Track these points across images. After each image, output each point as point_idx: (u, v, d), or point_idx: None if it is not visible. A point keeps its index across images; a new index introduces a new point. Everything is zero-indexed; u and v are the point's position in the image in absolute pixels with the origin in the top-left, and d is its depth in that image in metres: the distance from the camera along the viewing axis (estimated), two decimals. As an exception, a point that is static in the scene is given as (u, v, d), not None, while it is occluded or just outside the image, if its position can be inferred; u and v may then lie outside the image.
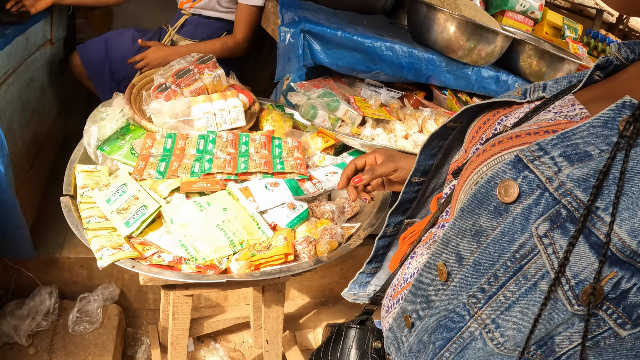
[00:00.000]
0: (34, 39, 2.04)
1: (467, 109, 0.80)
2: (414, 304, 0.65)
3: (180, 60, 1.81)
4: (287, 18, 1.91)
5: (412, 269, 0.77)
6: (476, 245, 0.54)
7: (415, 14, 2.11)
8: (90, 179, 1.45)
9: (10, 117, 1.82)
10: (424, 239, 0.78)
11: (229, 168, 1.45)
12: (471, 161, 0.63)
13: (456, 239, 0.57)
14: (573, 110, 0.60)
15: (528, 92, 0.72)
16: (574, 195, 0.47)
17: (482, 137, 0.75)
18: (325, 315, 2.39)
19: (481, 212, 0.53)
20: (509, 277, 0.51)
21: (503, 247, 0.51)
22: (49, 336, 1.97)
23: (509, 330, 0.53)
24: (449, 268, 0.58)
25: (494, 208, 0.52)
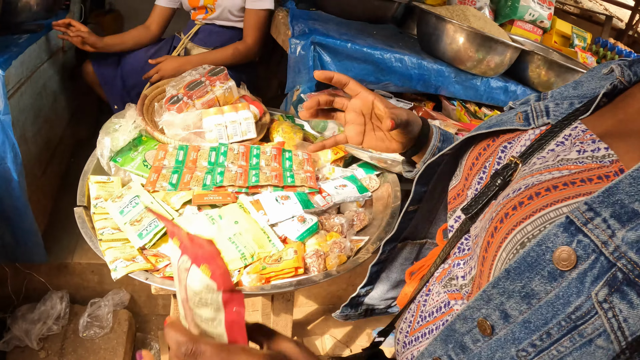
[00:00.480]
0: (47, 47, 2.07)
1: (469, 138, 0.78)
2: (444, 348, 0.64)
3: (192, 71, 1.83)
4: (297, 30, 1.93)
5: (430, 308, 0.75)
6: (526, 306, 0.54)
7: (425, 25, 2.13)
8: (103, 190, 1.47)
9: (24, 125, 1.85)
10: (437, 276, 0.77)
11: (241, 181, 1.47)
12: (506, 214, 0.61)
13: (500, 298, 0.56)
14: (597, 151, 0.59)
15: (531, 118, 0.71)
16: (628, 258, 0.47)
17: (485, 165, 0.74)
18: (333, 323, 2.40)
19: (533, 276, 0.53)
20: (562, 334, 0.51)
21: (557, 309, 0.51)
22: (60, 340, 2.00)
23: None
24: (492, 323, 0.57)
25: (547, 273, 0.51)
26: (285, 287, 1.25)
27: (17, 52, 1.69)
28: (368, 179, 1.64)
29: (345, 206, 1.56)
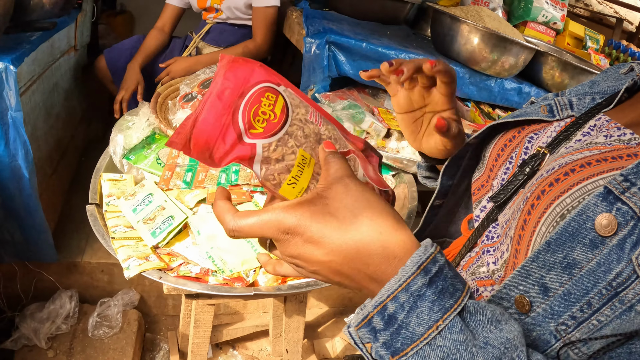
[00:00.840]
0: (59, 45, 2.05)
1: (492, 127, 0.79)
2: None
3: (206, 69, 1.82)
4: (312, 29, 1.92)
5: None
6: (567, 277, 0.54)
7: (439, 26, 2.11)
8: (116, 187, 1.46)
9: (35, 123, 1.84)
10: (464, 265, 0.76)
11: (256, 179, 1.46)
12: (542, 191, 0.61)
13: (540, 272, 0.56)
14: (624, 135, 0.62)
15: (555, 110, 0.72)
16: None
17: (512, 156, 0.74)
18: (344, 324, 2.37)
19: (574, 245, 0.53)
20: (603, 303, 0.52)
21: (599, 277, 0.52)
22: (69, 340, 1.99)
23: (596, 344, 0.54)
24: (531, 298, 0.57)
25: (589, 241, 0.53)
26: (301, 288, 1.23)
27: (29, 49, 1.68)
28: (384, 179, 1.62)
29: (362, 206, 1.54)
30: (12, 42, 1.66)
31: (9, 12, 1.55)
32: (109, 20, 3.43)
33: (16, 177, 1.66)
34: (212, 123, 0.49)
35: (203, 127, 0.49)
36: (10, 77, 1.50)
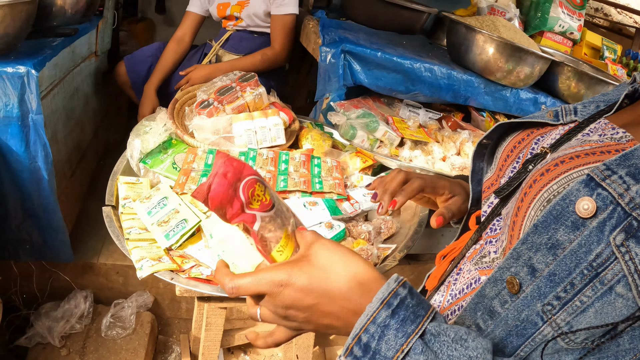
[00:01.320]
0: (80, 51, 2.10)
1: (498, 126, 0.83)
2: (473, 317, 0.67)
3: (223, 77, 1.84)
4: (327, 38, 1.94)
5: (460, 285, 0.78)
6: (552, 257, 0.58)
7: (454, 35, 2.12)
8: (132, 190, 1.49)
9: (55, 126, 1.88)
10: (468, 256, 0.80)
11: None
12: (534, 180, 0.67)
13: (529, 253, 0.60)
14: (617, 134, 0.67)
15: (560, 115, 0.77)
16: None
17: (519, 156, 0.78)
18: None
19: (558, 227, 0.58)
20: (584, 283, 0.56)
21: (580, 257, 0.56)
22: (82, 339, 2.01)
23: (581, 334, 0.57)
24: (520, 279, 0.61)
25: (571, 223, 0.57)
26: (311, 293, 1.24)
27: (50, 54, 1.72)
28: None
29: (373, 214, 1.55)
30: (34, 47, 1.70)
31: (31, 17, 1.60)
32: (130, 27, 3.48)
33: (36, 178, 1.70)
34: (221, 193, 0.65)
35: (215, 194, 0.65)
36: (31, 81, 1.54)
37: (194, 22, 2.52)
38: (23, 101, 1.56)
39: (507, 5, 2.62)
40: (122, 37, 3.27)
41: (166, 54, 2.49)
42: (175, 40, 2.52)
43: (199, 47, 2.64)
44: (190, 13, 2.51)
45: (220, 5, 2.44)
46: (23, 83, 1.53)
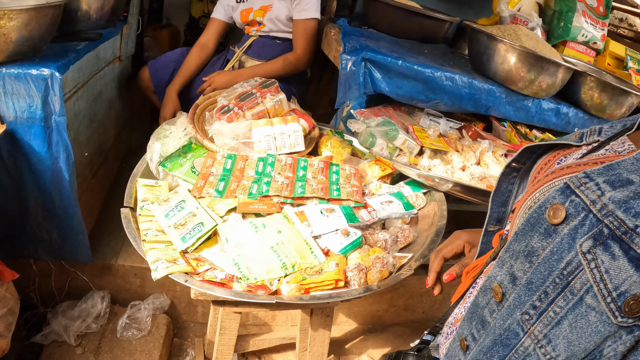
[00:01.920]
0: (104, 55, 2.13)
1: (526, 149, 0.84)
2: (469, 327, 0.69)
3: (244, 83, 1.85)
4: (349, 46, 1.94)
5: (472, 298, 0.81)
6: (528, 265, 0.59)
7: (476, 44, 2.11)
8: (150, 193, 1.50)
9: (78, 128, 1.90)
10: (485, 271, 0.82)
11: (286, 191, 1.48)
12: (527, 191, 0.70)
13: (510, 261, 0.62)
14: (622, 147, 0.67)
15: (584, 136, 0.77)
16: (616, 216, 0.52)
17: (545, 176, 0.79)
18: (372, 343, 2.36)
19: (533, 234, 0.59)
20: (557, 293, 0.56)
21: (552, 265, 0.56)
22: (97, 339, 2.03)
23: (559, 344, 0.56)
24: (504, 289, 0.63)
25: (544, 230, 0.58)
26: (324, 299, 1.24)
27: (75, 58, 1.74)
28: (414, 196, 1.63)
29: (390, 222, 1.54)
30: (59, 50, 1.73)
31: (57, 21, 1.63)
32: (155, 33, 3.52)
33: (57, 179, 1.72)
34: None
35: None
36: (55, 84, 1.56)
37: (218, 28, 2.55)
38: (46, 103, 1.59)
39: (529, 14, 2.60)
40: (147, 43, 3.31)
41: (189, 59, 2.52)
42: (199, 45, 2.54)
43: (222, 53, 2.66)
44: (214, 19, 2.54)
45: (244, 11, 2.46)
46: (47, 85, 1.56)
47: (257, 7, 2.43)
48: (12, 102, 1.57)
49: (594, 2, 2.74)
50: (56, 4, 1.57)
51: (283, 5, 2.39)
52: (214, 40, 2.57)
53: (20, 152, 1.66)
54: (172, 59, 2.58)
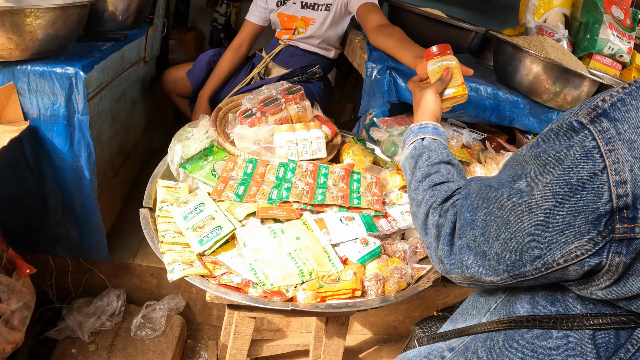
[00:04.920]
0: (129, 56, 2.14)
1: None
2: None
3: (270, 86, 1.84)
4: (374, 54, 1.93)
5: None
6: None
7: (501, 55, 2.08)
8: (170, 194, 1.50)
9: (100, 128, 1.92)
10: None
11: (306, 198, 1.47)
12: None
13: None
14: None
15: None
16: None
17: None
18: (386, 353, 2.34)
19: None
20: None
21: None
22: (111, 336, 2.03)
23: None
24: None
25: None
26: (340, 308, 1.22)
27: (99, 57, 1.75)
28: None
29: (410, 233, 1.52)
30: (84, 49, 1.74)
31: (83, 21, 1.64)
32: (180, 36, 3.54)
33: (77, 177, 1.73)
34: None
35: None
36: (79, 82, 1.57)
37: (251, 31, 2.53)
38: (70, 101, 1.60)
39: (555, 25, 2.56)
40: (172, 45, 3.34)
41: (222, 63, 2.52)
42: (232, 49, 2.53)
43: (249, 57, 2.66)
44: (248, 22, 2.53)
45: (285, 17, 2.45)
46: (71, 84, 1.57)
47: (299, 16, 2.42)
48: (36, 99, 1.58)
49: (620, 15, 2.70)
50: (82, 4, 1.58)
51: (327, 22, 2.38)
52: (247, 43, 2.55)
53: (42, 149, 1.67)
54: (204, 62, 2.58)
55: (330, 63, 2.58)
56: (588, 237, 0.62)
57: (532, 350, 0.75)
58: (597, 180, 0.60)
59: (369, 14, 2.17)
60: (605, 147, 0.60)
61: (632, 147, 0.59)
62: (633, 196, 0.58)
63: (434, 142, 1.12)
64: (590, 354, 0.70)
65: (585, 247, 0.63)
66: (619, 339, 0.69)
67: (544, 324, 0.74)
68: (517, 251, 0.71)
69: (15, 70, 1.54)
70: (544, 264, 0.68)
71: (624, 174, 0.59)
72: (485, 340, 0.82)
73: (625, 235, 0.60)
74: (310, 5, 2.37)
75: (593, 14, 2.61)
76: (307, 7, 2.38)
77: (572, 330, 0.72)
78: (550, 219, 0.65)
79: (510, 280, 0.74)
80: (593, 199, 0.61)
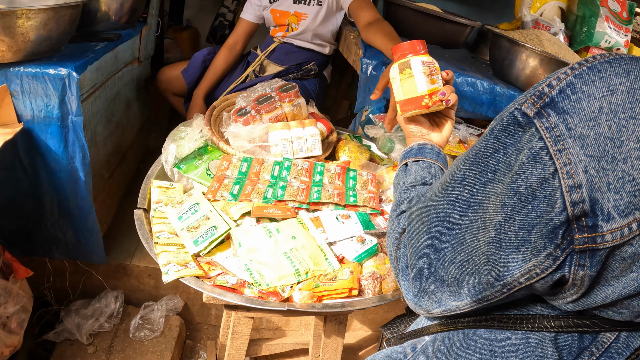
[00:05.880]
0: (122, 56, 2.12)
1: None
2: None
3: (265, 84, 1.83)
4: (369, 50, 1.92)
5: None
6: None
7: (497, 49, 2.07)
8: (164, 195, 1.49)
9: (95, 129, 1.90)
10: None
11: (302, 197, 1.46)
12: None
13: None
14: None
15: None
16: None
17: None
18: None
19: None
20: None
21: None
22: (109, 338, 2.03)
23: None
24: None
25: None
26: (336, 307, 1.22)
27: (93, 58, 1.74)
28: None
29: (406, 230, 1.51)
30: (77, 50, 1.73)
31: (75, 22, 1.63)
32: (175, 35, 3.53)
33: (72, 178, 1.73)
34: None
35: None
36: (72, 83, 1.56)
37: (246, 29, 2.52)
38: (63, 102, 1.59)
39: (552, 19, 2.55)
40: (167, 45, 3.32)
41: (217, 61, 2.51)
42: (227, 47, 2.52)
43: (244, 55, 2.65)
44: (243, 20, 2.52)
45: (278, 12, 2.44)
46: (64, 85, 1.56)
47: (292, 11, 2.41)
48: (29, 101, 1.58)
49: (617, 7, 2.68)
50: (74, 4, 1.57)
51: (319, 17, 2.37)
52: (242, 41, 2.54)
53: (36, 151, 1.66)
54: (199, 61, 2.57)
55: (326, 59, 2.57)
56: (546, 253, 0.56)
57: (490, 352, 0.69)
58: (548, 186, 0.53)
59: (360, 10, 2.17)
60: (554, 148, 0.53)
61: (584, 144, 0.51)
62: (591, 201, 0.51)
63: (414, 165, 1.01)
64: (551, 357, 0.64)
65: (545, 264, 0.56)
66: (583, 341, 0.64)
67: (503, 324, 0.68)
68: (474, 273, 0.64)
69: (8, 73, 1.53)
70: (505, 285, 0.61)
71: (578, 176, 0.52)
72: (444, 339, 0.78)
73: (586, 246, 0.53)
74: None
75: (589, 7, 2.60)
76: (299, 1, 2.37)
77: (532, 332, 0.66)
78: (502, 235, 0.58)
79: (476, 305, 0.67)
80: (545, 208, 0.54)
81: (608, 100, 0.51)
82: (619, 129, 0.50)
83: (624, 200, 0.50)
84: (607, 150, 0.50)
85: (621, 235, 0.51)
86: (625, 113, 0.50)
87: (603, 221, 0.51)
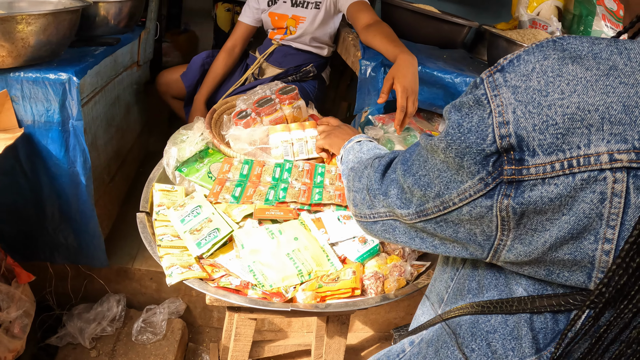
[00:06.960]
0: (122, 60, 2.13)
1: None
2: None
3: (265, 87, 1.84)
4: (367, 52, 1.92)
5: None
6: None
7: (495, 49, 2.08)
8: (166, 198, 1.49)
9: (95, 133, 1.91)
10: None
11: (303, 198, 1.46)
12: None
13: None
14: None
15: None
16: None
17: None
18: (387, 350, 2.34)
19: None
20: None
21: None
22: (112, 342, 2.03)
23: None
24: None
25: None
26: (340, 307, 1.22)
27: (92, 62, 1.75)
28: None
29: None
30: (77, 55, 1.74)
31: (75, 26, 1.63)
32: (173, 38, 3.53)
33: (74, 183, 1.73)
34: None
35: None
36: (73, 88, 1.57)
37: (244, 32, 2.52)
38: (64, 107, 1.60)
39: (549, 18, 2.56)
40: (165, 48, 3.33)
41: (216, 65, 2.51)
42: (226, 50, 2.52)
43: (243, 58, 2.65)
44: (241, 23, 2.52)
45: (276, 15, 2.44)
46: (65, 90, 1.57)
47: (290, 14, 2.41)
48: (30, 106, 1.58)
49: (613, 6, 2.69)
50: (74, 9, 1.57)
51: (317, 20, 2.38)
52: (240, 44, 2.54)
53: (37, 156, 1.67)
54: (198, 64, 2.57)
55: (324, 61, 2.57)
56: (479, 177, 0.64)
57: (471, 335, 0.77)
58: (483, 123, 0.62)
59: (358, 13, 2.17)
60: (491, 93, 0.63)
61: (516, 91, 0.61)
62: (517, 137, 0.60)
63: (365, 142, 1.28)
64: (524, 338, 0.71)
65: (477, 186, 0.65)
66: (557, 324, 0.70)
67: (486, 309, 0.76)
68: (423, 186, 0.73)
69: (8, 78, 1.53)
70: (442, 202, 0.71)
71: (507, 115, 0.61)
72: (436, 330, 0.86)
73: (513, 177, 0.62)
74: (300, 3, 2.37)
75: (586, 5, 2.61)
76: (297, 5, 2.38)
77: (511, 314, 0.73)
78: (447, 159, 0.68)
79: (416, 217, 0.77)
80: (477, 140, 0.63)
81: (540, 63, 0.61)
82: (547, 83, 0.59)
83: (547, 141, 0.58)
84: (534, 98, 0.59)
85: (544, 170, 0.59)
86: (554, 72, 0.60)
87: (529, 156, 0.60)
